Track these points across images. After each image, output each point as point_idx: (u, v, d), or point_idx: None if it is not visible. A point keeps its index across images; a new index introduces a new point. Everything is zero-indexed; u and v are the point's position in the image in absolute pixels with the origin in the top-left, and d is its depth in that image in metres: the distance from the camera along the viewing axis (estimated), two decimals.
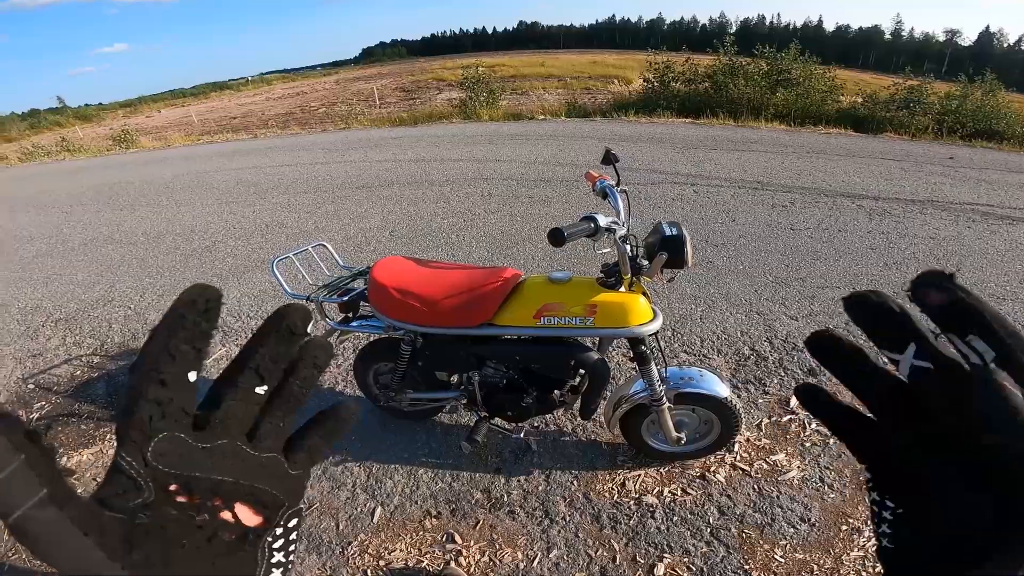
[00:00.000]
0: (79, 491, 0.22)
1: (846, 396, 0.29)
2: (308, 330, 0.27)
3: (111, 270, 4.54)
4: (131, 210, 6.55)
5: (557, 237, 1.40)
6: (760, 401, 2.38)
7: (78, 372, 3.03)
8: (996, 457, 0.22)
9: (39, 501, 0.20)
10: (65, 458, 2.34)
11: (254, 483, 0.26)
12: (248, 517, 0.26)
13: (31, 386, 2.94)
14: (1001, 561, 0.22)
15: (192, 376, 0.24)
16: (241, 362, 0.26)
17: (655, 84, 12.05)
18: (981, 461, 0.23)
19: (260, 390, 0.26)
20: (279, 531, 0.27)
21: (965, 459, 0.23)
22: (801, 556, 1.71)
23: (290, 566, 0.28)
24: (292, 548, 0.28)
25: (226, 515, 0.25)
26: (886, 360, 0.26)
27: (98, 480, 1.68)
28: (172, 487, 0.24)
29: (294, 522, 0.28)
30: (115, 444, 0.23)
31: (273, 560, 0.27)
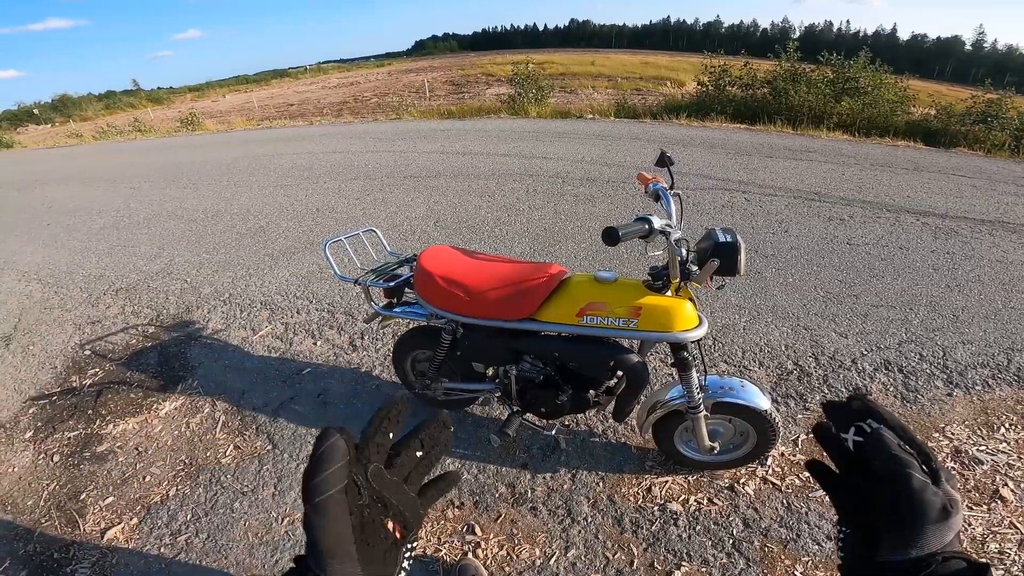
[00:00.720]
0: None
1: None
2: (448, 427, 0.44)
3: (171, 244, 4.80)
4: (193, 189, 6.89)
5: (611, 236, 1.38)
6: (799, 417, 2.30)
7: (133, 341, 3.21)
8: (885, 473, 0.39)
9: (341, 491, 0.36)
10: (111, 426, 2.48)
11: (405, 510, 0.40)
12: (397, 531, 0.39)
13: (87, 352, 3.13)
14: (890, 541, 0.37)
15: (391, 435, 0.41)
16: (411, 435, 0.42)
17: (710, 88, 11.71)
18: (881, 480, 0.39)
19: (418, 453, 0.42)
20: (408, 547, 0.40)
21: (877, 484, 0.40)
22: (822, 574, 1.65)
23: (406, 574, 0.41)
24: (409, 563, 0.41)
25: (389, 525, 0.39)
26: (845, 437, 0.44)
27: (139, 449, 1.77)
28: (375, 498, 0.38)
29: (414, 543, 0.41)
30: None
31: (402, 566, 0.40)
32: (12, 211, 6.83)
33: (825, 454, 0.46)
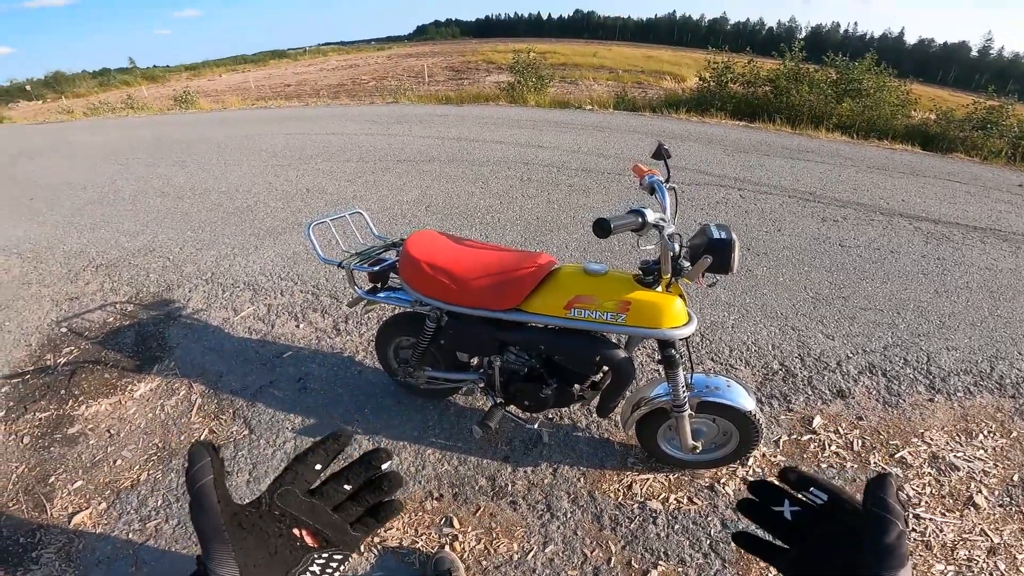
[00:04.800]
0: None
1: None
2: (383, 468, 0.48)
3: (156, 221, 4.70)
4: (182, 166, 6.77)
5: (603, 228, 1.33)
6: (782, 418, 2.30)
7: (110, 319, 3.13)
8: (878, 519, 0.40)
9: (210, 481, 0.41)
10: (83, 407, 2.42)
11: (322, 528, 0.44)
12: (308, 539, 0.44)
13: (64, 329, 3.05)
14: None
15: (318, 467, 0.46)
16: (342, 471, 0.47)
17: (711, 83, 11.62)
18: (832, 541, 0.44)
19: (346, 487, 0.47)
20: (324, 555, 0.44)
21: (823, 547, 0.44)
22: None
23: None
24: (333, 570, 0.44)
25: (296, 533, 0.44)
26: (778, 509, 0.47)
27: (111, 431, 1.72)
28: (277, 512, 0.43)
29: (339, 558, 0.45)
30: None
31: (311, 568, 0.43)
32: None
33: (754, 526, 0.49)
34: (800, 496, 0.47)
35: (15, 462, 2.15)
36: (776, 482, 0.49)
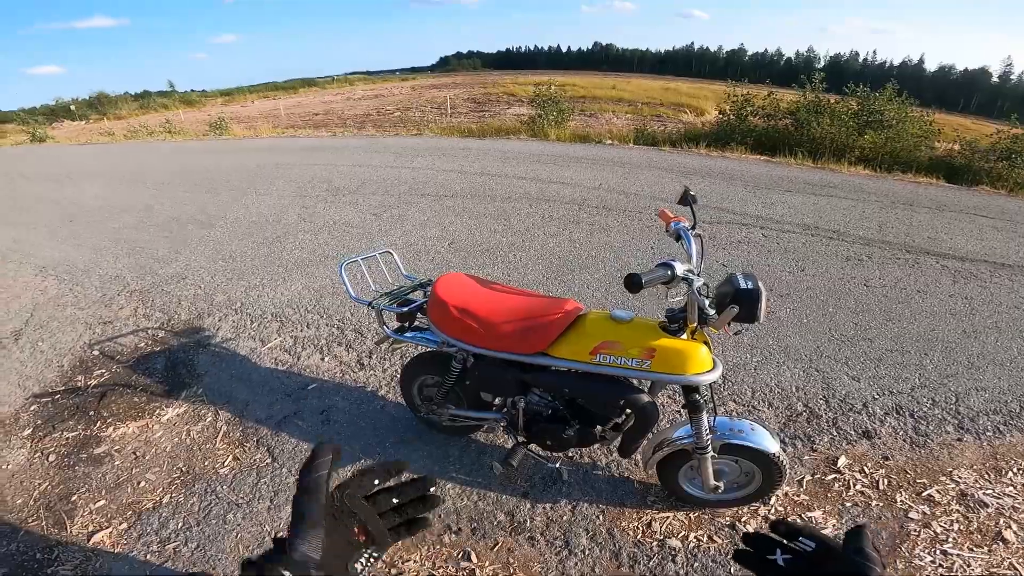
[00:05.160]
0: None
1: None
2: (430, 491, 0.59)
3: (189, 248, 4.88)
4: (215, 193, 7.03)
5: (634, 283, 1.36)
6: (806, 458, 2.27)
7: (142, 344, 3.24)
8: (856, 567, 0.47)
9: (325, 475, 0.51)
10: (111, 429, 2.49)
11: (370, 527, 0.53)
12: (361, 535, 0.52)
13: (96, 352, 3.16)
14: None
15: (376, 482, 0.56)
16: (397, 486, 0.57)
17: (731, 117, 11.64)
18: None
19: (395, 500, 0.56)
20: (368, 551, 0.53)
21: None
22: None
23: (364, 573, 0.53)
24: (369, 566, 0.53)
25: (356, 530, 0.52)
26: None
27: (136, 454, 1.81)
28: (344, 511, 0.52)
29: (376, 555, 0.54)
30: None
31: (360, 561, 0.52)
32: (38, 204, 7.01)
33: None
34: (791, 545, 0.52)
35: (39, 479, 2.22)
36: (768, 533, 0.55)
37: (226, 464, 2.25)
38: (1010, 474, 2.20)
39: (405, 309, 2.01)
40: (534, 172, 7.67)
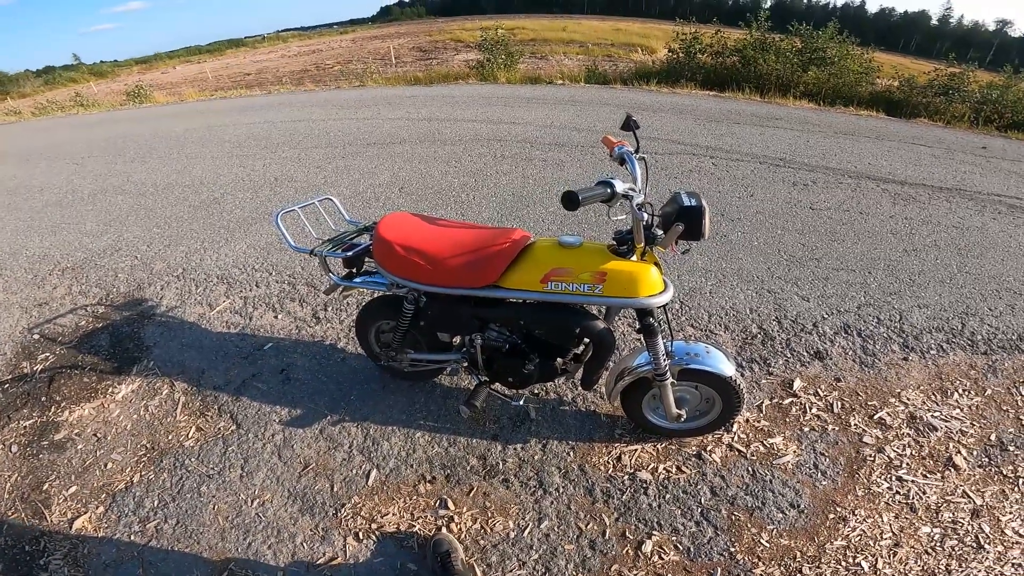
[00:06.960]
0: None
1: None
2: None
3: (119, 220, 4.53)
4: (141, 162, 6.52)
5: (571, 200, 1.33)
6: (763, 382, 2.34)
7: (83, 322, 3.03)
8: None
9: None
10: (67, 412, 2.36)
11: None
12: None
13: (36, 336, 2.94)
14: None
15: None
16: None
17: (680, 55, 11.63)
18: None
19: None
20: None
21: None
22: (786, 542, 1.69)
23: None
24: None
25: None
26: None
27: (97, 435, 1.69)
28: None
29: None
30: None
31: None
32: None
33: None
34: None
35: (7, 471, 2.09)
36: None
37: (190, 436, 2.16)
38: (955, 395, 2.29)
39: (349, 254, 1.92)
40: (485, 114, 7.45)
